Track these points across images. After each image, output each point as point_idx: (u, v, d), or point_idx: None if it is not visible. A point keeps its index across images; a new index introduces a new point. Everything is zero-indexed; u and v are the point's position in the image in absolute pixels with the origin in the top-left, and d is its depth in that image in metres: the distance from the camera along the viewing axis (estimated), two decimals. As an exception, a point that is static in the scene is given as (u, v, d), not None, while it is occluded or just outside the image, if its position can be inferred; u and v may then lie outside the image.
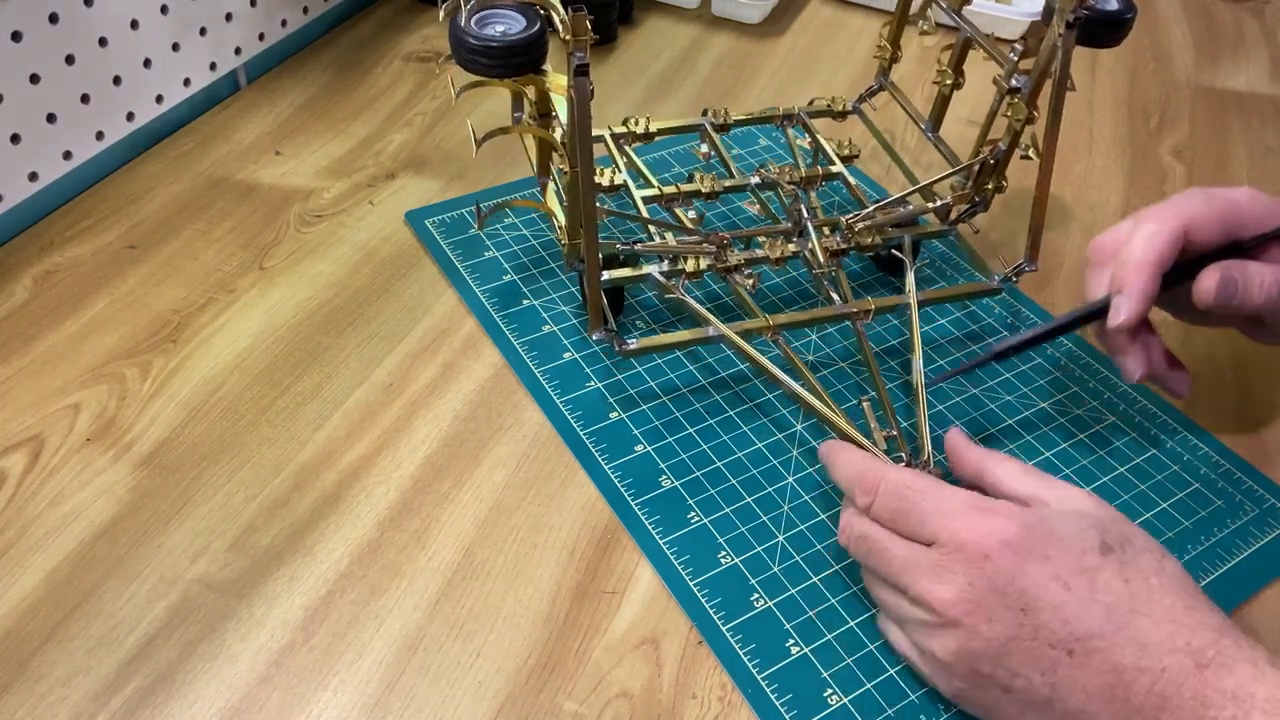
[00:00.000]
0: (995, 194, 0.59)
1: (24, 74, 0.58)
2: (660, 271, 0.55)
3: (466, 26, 0.48)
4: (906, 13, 0.65)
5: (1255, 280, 0.48)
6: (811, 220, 0.57)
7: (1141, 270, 0.48)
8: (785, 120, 0.65)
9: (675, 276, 0.55)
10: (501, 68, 0.48)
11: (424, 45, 0.82)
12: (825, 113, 0.66)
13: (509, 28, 0.49)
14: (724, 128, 0.64)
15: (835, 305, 0.55)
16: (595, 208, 0.50)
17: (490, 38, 0.48)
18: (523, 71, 0.49)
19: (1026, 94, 0.55)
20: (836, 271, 0.56)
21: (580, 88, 0.46)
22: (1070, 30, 0.51)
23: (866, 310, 0.55)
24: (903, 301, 0.56)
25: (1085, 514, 0.41)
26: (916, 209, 0.59)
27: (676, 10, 0.90)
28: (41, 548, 0.46)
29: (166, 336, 0.56)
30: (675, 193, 0.59)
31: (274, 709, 0.41)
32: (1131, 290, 0.48)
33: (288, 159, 0.69)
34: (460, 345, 0.57)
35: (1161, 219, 0.48)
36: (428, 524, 0.48)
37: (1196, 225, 0.48)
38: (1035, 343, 0.51)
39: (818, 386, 0.51)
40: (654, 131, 0.62)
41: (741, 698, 0.43)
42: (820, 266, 0.56)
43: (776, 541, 0.48)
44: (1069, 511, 0.42)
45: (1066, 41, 0.52)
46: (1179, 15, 0.98)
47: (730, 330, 0.52)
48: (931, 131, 0.65)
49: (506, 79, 0.50)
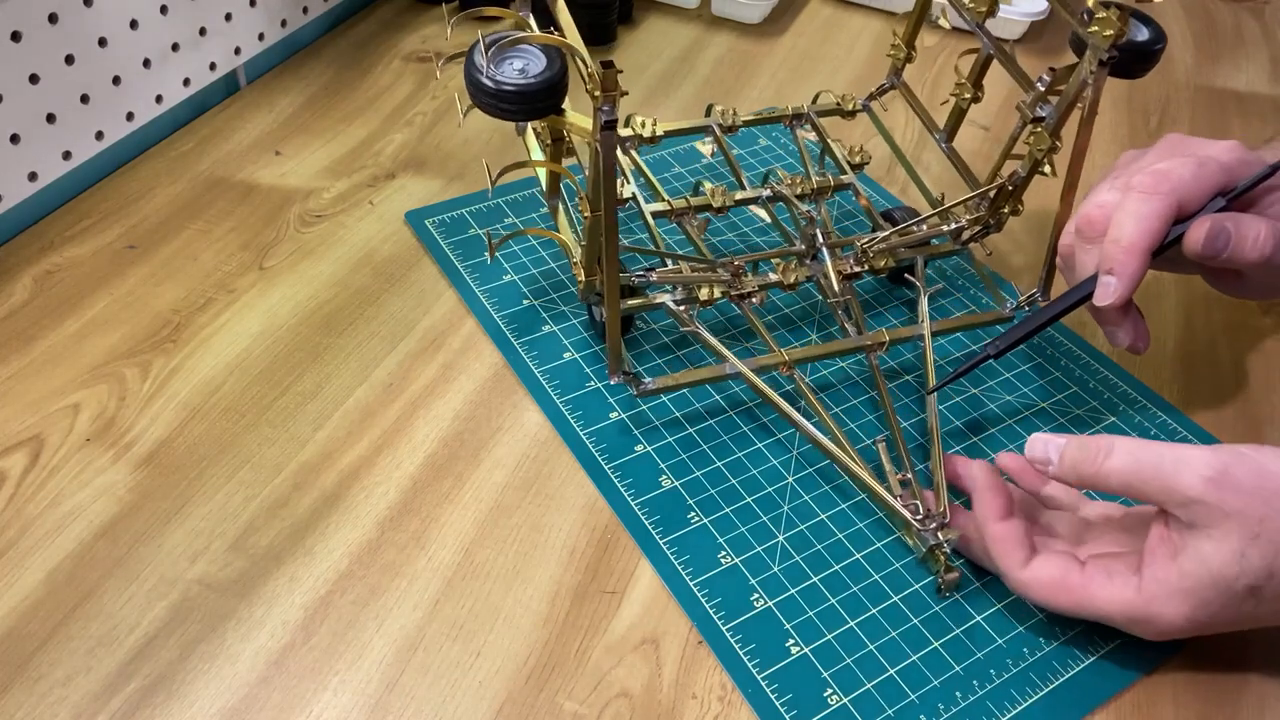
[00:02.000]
0: (1010, 216, 0.58)
1: (24, 74, 0.58)
2: (673, 300, 0.54)
3: (485, 68, 0.45)
4: (924, 12, 0.64)
5: (1249, 235, 0.47)
6: (825, 243, 0.56)
7: (1133, 254, 0.47)
8: (794, 120, 0.65)
9: (688, 304, 0.54)
10: (522, 113, 0.46)
11: (424, 45, 0.82)
12: (834, 111, 0.65)
13: (528, 65, 0.47)
14: (731, 129, 0.63)
15: (850, 338, 0.55)
16: (617, 262, 0.48)
17: (508, 81, 0.45)
18: (543, 115, 0.47)
19: (1051, 125, 0.53)
20: (850, 299, 0.56)
21: (607, 142, 0.44)
22: (1103, 69, 0.50)
23: (881, 343, 0.54)
24: (916, 333, 0.55)
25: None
26: (931, 231, 0.58)
27: (676, 10, 0.90)
28: (41, 548, 0.46)
29: (166, 336, 0.56)
30: (686, 207, 0.58)
31: (274, 709, 0.41)
32: (1123, 273, 0.47)
33: (288, 159, 0.69)
34: (460, 345, 0.57)
35: (1152, 192, 0.47)
36: (428, 524, 0.48)
37: (1187, 200, 0.48)
38: (1032, 334, 0.51)
39: (832, 425, 0.50)
40: (660, 135, 0.61)
41: (741, 698, 0.43)
42: (834, 295, 0.55)
43: (776, 541, 0.48)
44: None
45: (1098, 79, 0.50)
46: (1179, 15, 0.98)
47: (746, 368, 0.51)
48: (945, 142, 0.64)
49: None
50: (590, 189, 0.48)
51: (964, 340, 0.59)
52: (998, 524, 0.45)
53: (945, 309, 0.61)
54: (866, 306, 0.61)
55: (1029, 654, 0.45)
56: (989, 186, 0.58)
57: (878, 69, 0.84)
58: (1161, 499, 0.41)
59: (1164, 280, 0.65)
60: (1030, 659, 0.45)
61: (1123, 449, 0.42)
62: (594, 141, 0.45)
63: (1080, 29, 0.51)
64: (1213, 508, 0.40)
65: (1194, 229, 0.48)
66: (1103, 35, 0.49)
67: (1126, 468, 0.42)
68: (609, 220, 0.47)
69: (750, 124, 0.64)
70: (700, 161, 0.71)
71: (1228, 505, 0.40)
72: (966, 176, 0.62)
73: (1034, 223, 0.65)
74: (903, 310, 0.61)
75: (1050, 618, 0.46)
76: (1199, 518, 0.40)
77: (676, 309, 0.54)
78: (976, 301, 0.62)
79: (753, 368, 0.52)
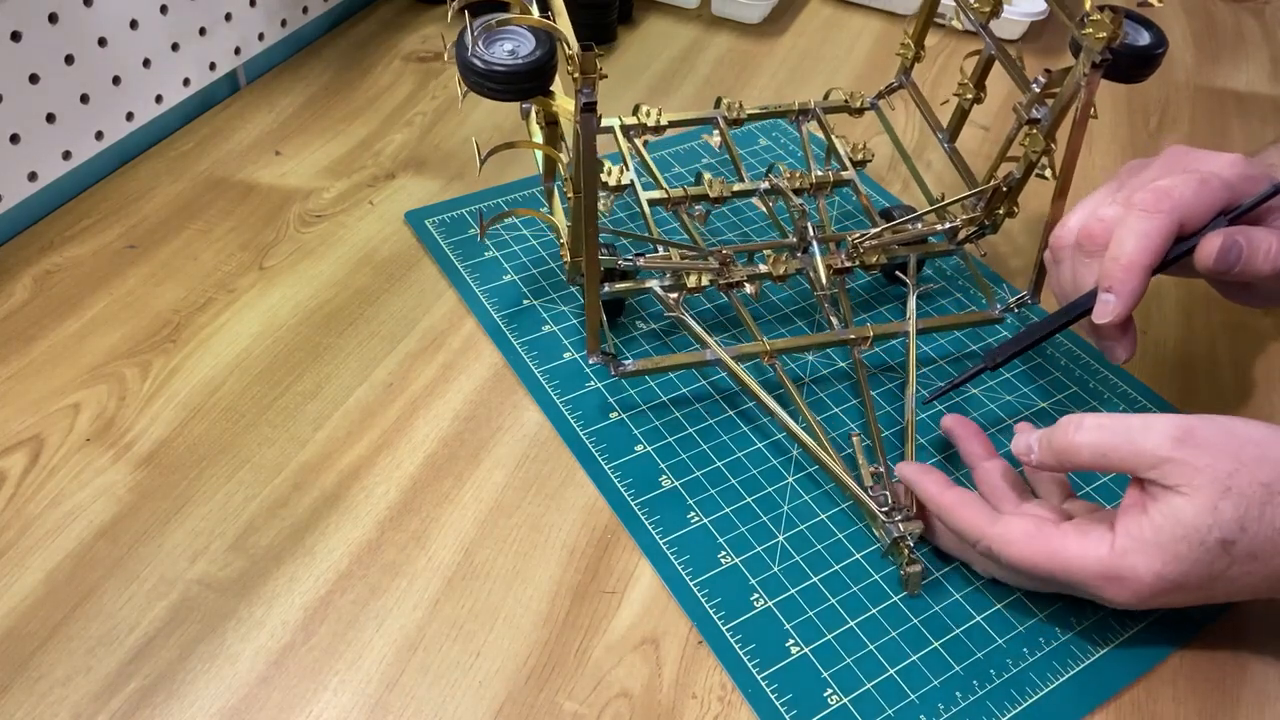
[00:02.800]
0: (1006, 218, 0.58)
1: (24, 74, 0.58)
2: (661, 286, 0.54)
3: (474, 48, 0.46)
4: (933, 11, 0.64)
5: (1261, 248, 0.47)
6: (817, 236, 0.56)
7: (1133, 272, 0.47)
8: (800, 115, 0.65)
9: (676, 291, 0.54)
10: (509, 93, 0.47)
11: (424, 45, 0.82)
12: (842, 108, 0.65)
13: (518, 47, 0.47)
14: (737, 122, 0.63)
15: (834, 331, 0.55)
16: (598, 243, 0.49)
17: (496, 62, 0.46)
18: (530, 96, 0.48)
19: (1046, 127, 0.53)
20: (839, 292, 0.56)
21: (586, 124, 0.45)
22: (1096, 70, 0.50)
23: (865, 337, 0.55)
24: (902, 330, 0.55)
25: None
26: (925, 229, 0.58)
27: (676, 10, 0.90)
28: (41, 548, 0.46)
29: (166, 336, 0.56)
30: (683, 196, 0.59)
31: (274, 709, 0.41)
32: (1122, 291, 0.47)
33: (288, 159, 0.69)
34: (460, 345, 0.57)
35: (1153, 211, 0.47)
36: (428, 524, 0.48)
37: (1189, 218, 0.48)
38: (1029, 347, 0.51)
39: (810, 416, 0.51)
40: (665, 124, 0.61)
41: (741, 698, 0.43)
42: (823, 288, 0.55)
43: (776, 541, 0.48)
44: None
45: (1091, 81, 0.50)
46: (1179, 15, 0.98)
47: (727, 355, 0.52)
48: (948, 143, 0.64)
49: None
50: (574, 174, 0.49)
51: (962, 339, 0.59)
52: (987, 461, 0.49)
53: (944, 308, 0.61)
54: (865, 305, 0.61)
55: (1029, 654, 0.45)
56: (984, 187, 0.58)
57: (878, 69, 0.84)
58: (1132, 464, 0.42)
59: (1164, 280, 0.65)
60: (1030, 659, 0.45)
61: (1092, 421, 0.44)
62: (575, 122, 0.46)
63: (1075, 30, 0.51)
64: (1182, 464, 0.41)
65: (1205, 244, 0.48)
66: (1096, 37, 0.49)
67: (1096, 438, 0.43)
68: (588, 201, 0.48)
69: (756, 117, 0.64)
70: (702, 161, 0.71)
71: (1197, 461, 0.41)
72: (967, 177, 0.62)
73: (1032, 225, 0.65)
74: (900, 309, 0.61)
75: (1050, 617, 0.46)
76: (1170, 476, 0.41)
77: (664, 295, 0.54)
78: (976, 301, 0.62)
79: (734, 355, 0.52)
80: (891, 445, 0.53)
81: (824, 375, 0.57)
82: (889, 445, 0.52)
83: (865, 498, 0.48)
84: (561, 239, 0.55)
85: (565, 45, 0.45)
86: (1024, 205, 0.59)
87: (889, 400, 0.56)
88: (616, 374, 0.52)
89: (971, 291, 0.62)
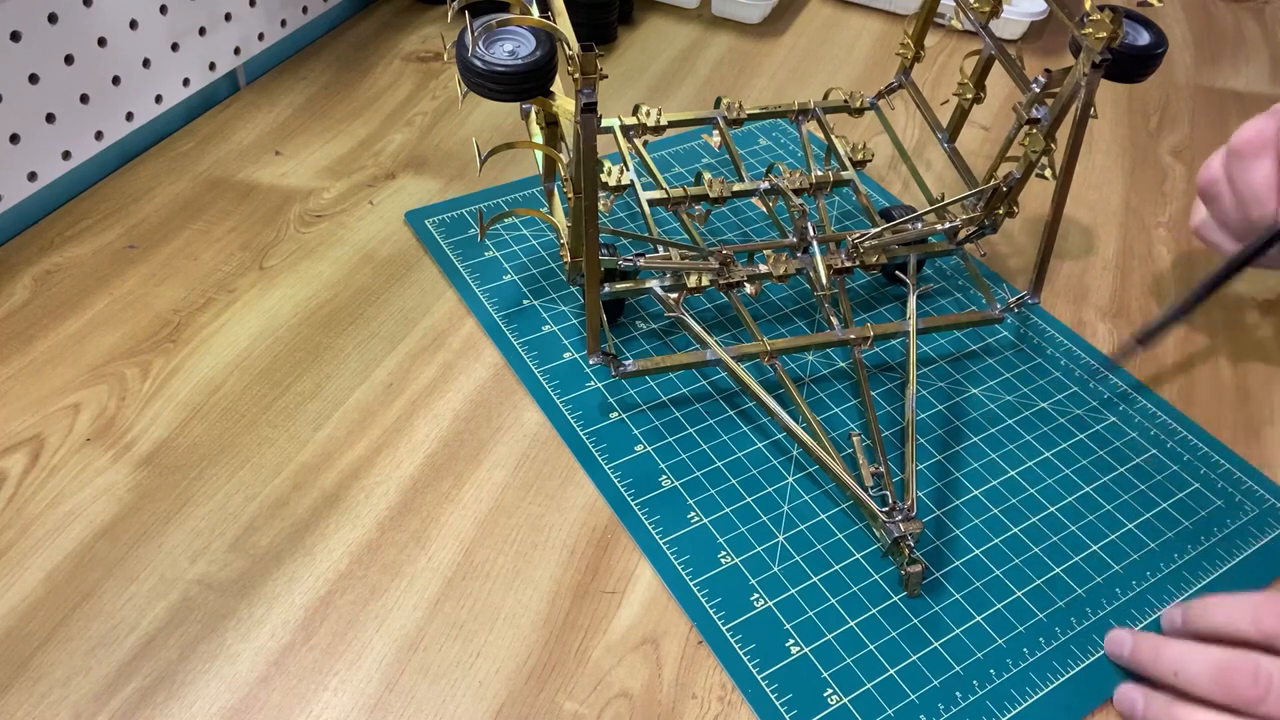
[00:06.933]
0: (1005, 218, 0.58)
1: (23, 74, 0.58)
2: (661, 286, 0.54)
3: (474, 48, 0.46)
4: (933, 11, 0.64)
5: None
6: (817, 236, 0.56)
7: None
8: (800, 115, 0.65)
9: (676, 291, 0.54)
10: (509, 93, 0.47)
11: (424, 45, 0.82)
12: (842, 108, 0.66)
13: (518, 47, 0.48)
14: (737, 122, 0.63)
15: (834, 331, 0.55)
16: (598, 243, 0.49)
17: (497, 62, 0.46)
18: (530, 96, 0.48)
19: (1046, 127, 0.53)
20: (839, 292, 0.56)
21: (587, 124, 0.45)
22: (1096, 71, 0.50)
23: (865, 337, 0.55)
24: (902, 330, 0.55)
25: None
26: (925, 229, 0.59)
27: (676, 10, 0.90)
28: (41, 548, 0.46)
29: (166, 336, 0.56)
30: (683, 196, 0.59)
31: (274, 709, 0.41)
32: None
33: (288, 159, 0.69)
34: (460, 345, 0.57)
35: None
36: (428, 524, 0.48)
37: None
38: (1224, 282, 0.53)
39: (810, 416, 0.51)
40: (664, 124, 0.61)
41: (741, 698, 0.43)
42: (823, 288, 0.56)
43: (776, 541, 0.48)
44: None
45: (1091, 81, 0.50)
46: (1179, 15, 0.98)
47: (727, 355, 0.52)
48: (948, 143, 0.64)
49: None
50: (574, 175, 0.49)
51: (962, 338, 0.59)
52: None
53: (944, 308, 0.61)
54: (865, 304, 0.61)
55: (1029, 654, 0.45)
56: (983, 187, 0.58)
57: (877, 69, 0.84)
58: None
59: (1164, 280, 0.65)
60: (1030, 659, 0.45)
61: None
62: (575, 122, 0.46)
63: (1075, 30, 0.51)
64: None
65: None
66: (1096, 37, 0.49)
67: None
68: (589, 201, 0.48)
69: (756, 117, 0.64)
70: (702, 161, 0.71)
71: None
72: (966, 177, 0.62)
73: (1032, 225, 0.65)
74: (900, 309, 0.61)
75: (1050, 617, 0.46)
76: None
77: (664, 295, 0.54)
78: (976, 301, 0.62)
79: (734, 355, 0.52)
80: (891, 445, 0.53)
81: (824, 375, 0.57)
82: (889, 445, 0.52)
83: (865, 498, 0.48)
84: (561, 239, 0.55)
85: (565, 45, 0.46)
86: (1024, 205, 0.59)
87: (889, 400, 0.56)
88: (617, 374, 0.52)
89: (971, 291, 0.62)
